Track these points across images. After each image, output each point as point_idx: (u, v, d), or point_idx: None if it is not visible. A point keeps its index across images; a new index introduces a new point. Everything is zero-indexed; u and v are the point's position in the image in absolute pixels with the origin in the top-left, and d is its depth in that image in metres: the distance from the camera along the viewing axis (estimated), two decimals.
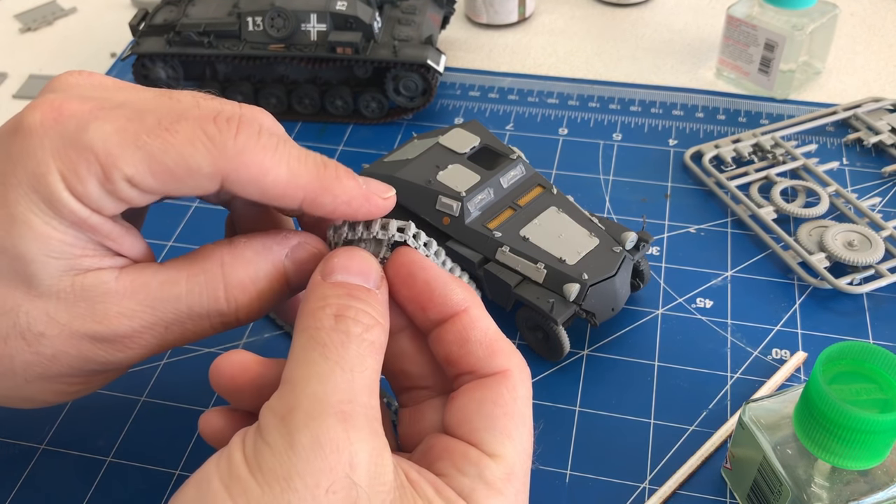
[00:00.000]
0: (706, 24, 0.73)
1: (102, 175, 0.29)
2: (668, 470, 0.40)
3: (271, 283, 0.33)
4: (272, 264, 0.32)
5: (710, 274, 0.50)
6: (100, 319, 0.30)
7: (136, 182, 0.29)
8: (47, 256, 0.29)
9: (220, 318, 0.32)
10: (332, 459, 0.25)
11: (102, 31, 0.76)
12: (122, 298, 0.31)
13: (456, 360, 0.31)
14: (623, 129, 0.61)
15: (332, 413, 0.26)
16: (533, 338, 0.45)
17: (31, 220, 0.29)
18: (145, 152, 0.29)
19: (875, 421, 0.31)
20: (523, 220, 0.46)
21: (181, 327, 0.32)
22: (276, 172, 0.30)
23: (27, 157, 0.29)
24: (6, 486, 0.41)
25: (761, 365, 0.45)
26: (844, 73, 0.67)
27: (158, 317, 0.31)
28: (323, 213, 0.32)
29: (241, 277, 0.32)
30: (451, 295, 0.31)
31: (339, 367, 0.27)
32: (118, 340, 0.31)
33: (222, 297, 0.32)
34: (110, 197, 0.29)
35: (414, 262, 0.32)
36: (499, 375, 0.30)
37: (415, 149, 0.51)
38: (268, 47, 0.59)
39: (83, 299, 0.30)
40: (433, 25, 0.64)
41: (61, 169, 0.29)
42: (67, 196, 0.29)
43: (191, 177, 0.29)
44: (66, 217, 0.29)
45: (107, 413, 0.44)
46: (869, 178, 0.56)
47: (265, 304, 0.33)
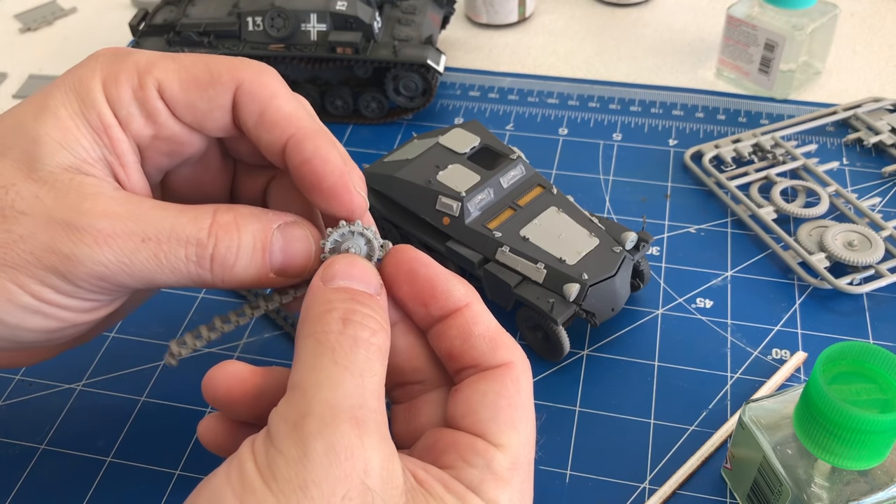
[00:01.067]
0: (706, 24, 0.73)
1: (137, 81, 0.31)
2: (668, 470, 0.40)
3: (255, 242, 0.31)
4: (261, 226, 0.32)
5: (710, 274, 0.50)
6: (84, 211, 0.30)
7: (164, 89, 0.31)
8: (59, 145, 0.30)
9: (197, 252, 0.31)
10: (348, 466, 0.25)
11: (102, 31, 0.76)
12: (113, 202, 0.30)
13: (459, 354, 0.31)
14: (623, 129, 0.61)
15: (346, 419, 0.26)
16: (533, 338, 0.45)
17: (59, 111, 0.31)
18: (179, 64, 0.32)
19: (875, 421, 0.31)
20: (523, 220, 0.46)
21: (156, 247, 0.30)
22: (283, 102, 0.32)
23: (81, 67, 0.32)
24: (6, 486, 0.41)
25: (761, 365, 0.45)
26: (844, 73, 0.67)
27: (140, 227, 0.30)
28: (299, 158, 0.31)
29: (230, 222, 0.31)
30: (453, 291, 0.31)
31: (349, 372, 0.27)
32: (91, 234, 0.30)
33: (206, 228, 0.31)
34: (139, 107, 0.31)
35: (415, 258, 0.32)
36: (503, 368, 0.30)
37: (415, 149, 0.51)
38: (268, 47, 0.59)
39: (76, 192, 0.30)
40: (433, 25, 0.64)
41: (104, 76, 0.31)
42: (101, 98, 0.31)
43: (212, 83, 0.32)
44: (91, 120, 0.31)
45: (107, 413, 0.44)
46: (869, 178, 0.56)
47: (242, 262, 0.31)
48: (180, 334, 0.35)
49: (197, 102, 0.32)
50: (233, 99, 0.32)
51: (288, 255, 0.32)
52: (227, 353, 0.46)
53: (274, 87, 0.32)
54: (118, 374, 0.46)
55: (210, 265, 0.31)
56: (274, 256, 0.32)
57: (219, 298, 0.50)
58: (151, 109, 0.32)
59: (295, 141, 0.32)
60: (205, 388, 0.32)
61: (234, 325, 0.34)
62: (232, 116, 0.33)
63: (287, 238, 0.32)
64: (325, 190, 0.32)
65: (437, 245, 0.47)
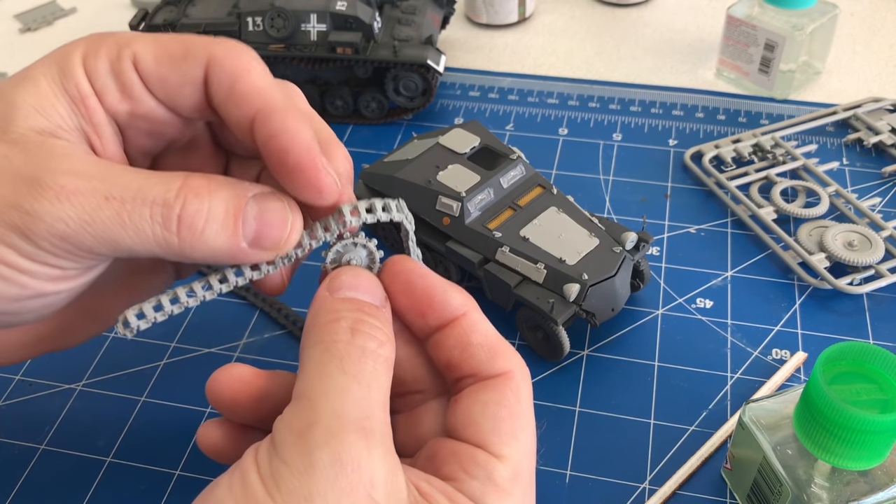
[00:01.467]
0: (706, 24, 0.73)
1: (115, 54, 0.31)
2: (668, 470, 0.40)
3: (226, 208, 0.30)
4: (235, 193, 0.30)
5: (710, 274, 0.50)
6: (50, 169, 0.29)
7: (138, 61, 0.31)
8: (35, 110, 0.30)
9: (163, 213, 0.29)
10: (354, 478, 0.25)
11: (102, 31, 0.76)
12: (81, 162, 0.29)
13: (457, 363, 0.31)
14: (623, 129, 0.61)
15: (353, 430, 0.25)
16: (533, 338, 0.45)
17: (38, 80, 0.31)
18: (155, 40, 0.32)
19: (875, 421, 0.31)
20: (523, 221, 0.46)
21: (119, 207, 0.29)
22: (255, 75, 0.31)
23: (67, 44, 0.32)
24: (6, 486, 0.41)
25: (761, 365, 0.45)
26: (844, 73, 0.67)
27: (104, 186, 0.29)
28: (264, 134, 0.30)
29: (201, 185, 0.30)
30: (450, 300, 0.31)
31: (357, 382, 0.27)
32: (53, 190, 0.28)
33: (175, 189, 0.29)
34: (114, 79, 0.31)
35: (411, 270, 0.31)
36: (502, 377, 0.30)
37: (415, 149, 0.51)
38: (268, 47, 0.59)
39: (46, 152, 0.29)
40: (433, 25, 0.64)
41: (84, 50, 0.31)
42: (80, 69, 0.31)
43: (184, 57, 0.31)
44: (69, 90, 0.31)
45: (107, 413, 0.44)
46: (869, 179, 0.56)
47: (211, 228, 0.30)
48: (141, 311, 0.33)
49: (169, 76, 0.31)
50: (204, 73, 0.31)
51: (262, 223, 0.30)
52: (226, 353, 0.46)
53: (246, 62, 0.31)
54: (118, 374, 0.46)
55: (177, 228, 0.29)
56: (247, 224, 0.30)
57: (219, 299, 0.49)
58: (126, 82, 0.31)
59: (262, 116, 0.30)
60: (209, 391, 0.32)
61: (199, 300, 0.32)
62: (204, 93, 0.31)
63: (262, 207, 0.30)
64: (290, 166, 0.29)
65: (437, 245, 0.47)
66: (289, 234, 0.31)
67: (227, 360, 0.46)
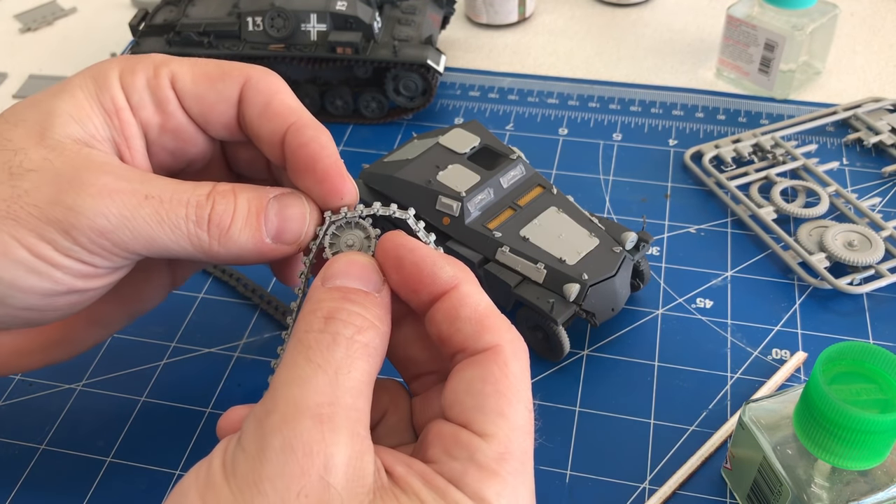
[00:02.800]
0: (706, 24, 0.73)
1: (152, 72, 0.34)
2: (668, 470, 0.40)
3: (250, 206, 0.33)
4: (257, 194, 0.33)
5: (710, 274, 0.50)
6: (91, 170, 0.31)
7: (176, 80, 0.34)
8: (71, 118, 0.32)
9: (196, 212, 0.32)
10: (305, 463, 0.25)
11: (102, 31, 0.76)
12: (118, 167, 0.32)
13: (447, 338, 0.30)
14: (623, 129, 0.61)
15: (309, 416, 0.26)
16: (533, 338, 0.45)
17: (75, 92, 0.33)
18: (193, 62, 0.35)
19: (875, 421, 0.31)
20: (523, 220, 0.46)
21: (158, 205, 0.31)
22: (286, 97, 0.35)
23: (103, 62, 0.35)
24: (6, 486, 0.41)
25: (761, 365, 0.45)
26: (844, 73, 0.67)
27: (143, 187, 0.31)
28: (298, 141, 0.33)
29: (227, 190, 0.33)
30: (439, 273, 0.30)
31: (321, 370, 0.27)
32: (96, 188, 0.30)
33: (205, 193, 0.32)
34: (150, 94, 0.34)
35: (401, 244, 0.31)
36: (489, 352, 0.29)
37: (415, 149, 0.51)
38: (268, 47, 0.59)
39: (84, 158, 0.32)
40: (433, 25, 0.63)
41: (122, 67, 0.34)
42: (116, 83, 0.33)
43: (222, 77, 0.34)
44: (104, 103, 0.33)
45: (107, 413, 0.44)
46: (869, 178, 0.56)
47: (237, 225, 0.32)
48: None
49: (206, 93, 0.34)
50: (239, 93, 0.34)
51: (283, 218, 0.33)
52: (226, 353, 0.46)
53: (279, 85, 0.35)
54: (118, 374, 0.46)
55: (207, 226, 0.32)
56: (269, 221, 0.33)
57: (219, 299, 0.50)
58: (162, 98, 0.34)
59: (295, 128, 0.34)
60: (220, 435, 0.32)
61: None
62: (236, 112, 0.35)
63: (282, 204, 0.33)
64: (319, 172, 0.33)
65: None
66: (308, 228, 0.34)
67: (227, 360, 0.46)
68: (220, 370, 0.46)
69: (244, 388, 0.45)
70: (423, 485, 0.27)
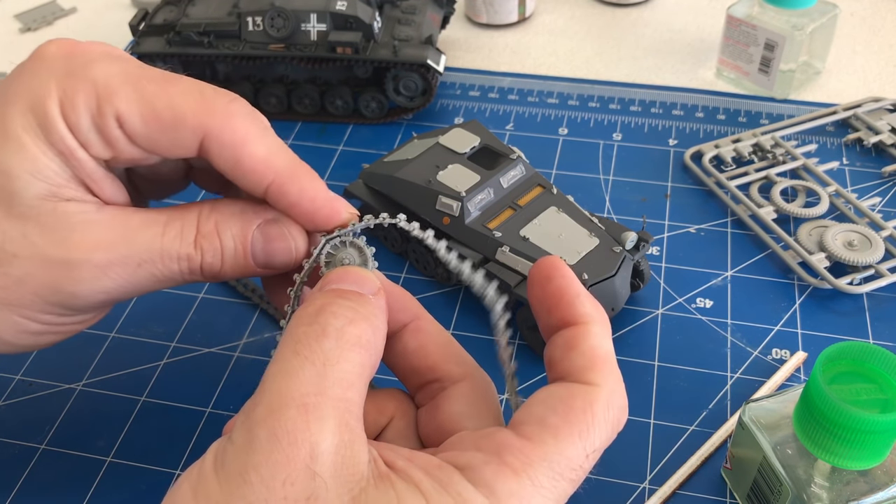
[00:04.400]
0: (706, 24, 0.73)
1: (96, 108, 0.30)
2: (668, 470, 0.40)
3: (236, 246, 0.33)
4: (240, 229, 0.33)
5: (710, 274, 0.50)
6: (76, 246, 0.31)
7: (123, 121, 0.30)
8: (32, 176, 0.30)
9: (188, 265, 0.33)
10: (290, 451, 0.25)
11: (102, 31, 0.76)
12: (102, 229, 0.31)
13: (556, 363, 0.29)
14: (623, 129, 0.61)
15: (294, 406, 0.25)
16: (533, 338, 0.45)
17: (22, 138, 0.30)
18: (140, 94, 0.31)
19: (875, 421, 0.31)
20: (523, 220, 0.46)
21: (151, 267, 0.32)
22: (255, 147, 0.31)
23: (34, 78, 0.31)
24: (6, 486, 0.41)
25: (761, 365, 0.45)
26: (844, 73, 0.67)
27: (133, 252, 0.32)
28: (285, 203, 0.32)
29: (211, 231, 0.33)
30: (578, 305, 0.30)
31: (308, 362, 0.27)
32: (90, 269, 0.31)
33: (192, 242, 0.32)
34: (98, 134, 0.31)
35: (556, 266, 0.31)
36: (584, 385, 0.28)
37: (415, 149, 0.51)
38: (268, 47, 0.59)
39: (62, 225, 0.31)
40: (433, 25, 0.64)
41: (61, 95, 0.30)
42: (60, 122, 0.30)
43: (175, 127, 0.31)
44: (56, 144, 0.30)
45: (107, 413, 0.44)
46: (869, 178, 0.56)
47: (229, 263, 0.33)
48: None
49: (159, 139, 0.31)
50: (199, 144, 0.31)
51: (269, 253, 0.33)
52: (226, 353, 0.46)
53: (243, 132, 0.31)
54: (118, 374, 0.46)
55: (200, 272, 0.33)
56: (256, 256, 0.33)
57: (219, 298, 0.50)
58: (110, 138, 0.31)
59: (276, 186, 0.32)
60: None
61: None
62: (199, 152, 0.32)
63: (266, 237, 0.33)
64: (319, 221, 0.33)
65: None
66: (296, 251, 0.34)
67: (228, 360, 0.46)
68: (220, 370, 0.46)
69: (244, 388, 0.45)
70: (425, 475, 0.26)
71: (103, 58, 0.31)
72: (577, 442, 0.27)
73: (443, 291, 0.50)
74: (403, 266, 0.51)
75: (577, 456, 0.27)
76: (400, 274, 0.51)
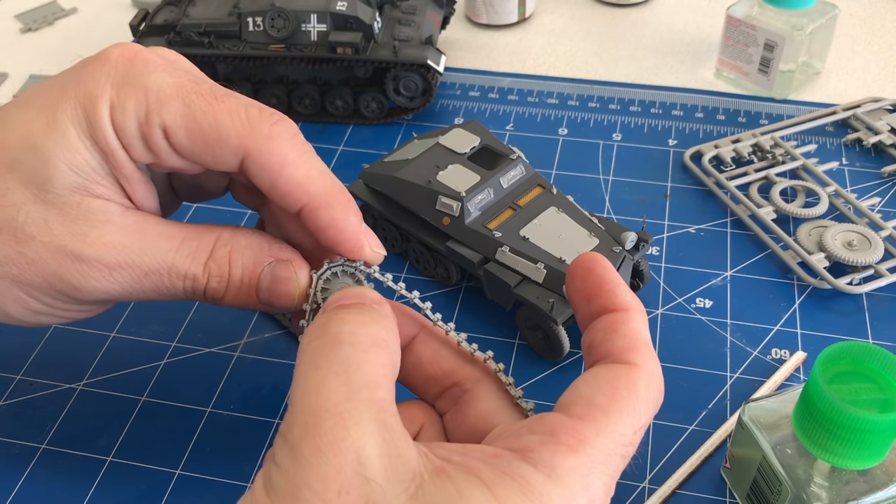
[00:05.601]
0: (706, 24, 0.73)
1: (144, 116, 0.31)
2: (667, 469, 0.40)
3: (243, 278, 0.34)
4: (252, 263, 0.34)
5: (709, 274, 0.50)
6: (91, 242, 0.32)
7: (169, 133, 0.32)
8: (68, 167, 0.31)
9: (192, 285, 0.34)
10: (338, 462, 0.25)
11: (103, 31, 0.76)
12: (120, 232, 0.32)
13: (597, 345, 0.30)
14: (623, 129, 0.61)
15: (329, 417, 0.26)
16: (533, 337, 0.46)
17: (68, 130, 0.31)
18: (188, 109, 0.31)
19: (874, 421, 0.31)
20: (523, 220, 0.46)
21: (157, 279, 0.33)
22: (293, 170, 0.32)
23: (92, 78, 0.32)
24: (6, 486, 0.41)
25: (761, 365, 0.45)
26: (844, 73, 0.67)
27: (143, 261, 0.33)
28: (313, 226, 0.33)
29: (224, 255, 0.34)
30: (618, 293, 0.31)
31: (331, 373, 0.27)
32: (98, 268, 0.32)
33: (202, 264, 0.33)
34: (142, 140, 0.32)
35: (597, 259, 0.31)
36: (626, 365, 0.29)
37: (415, 149, 0.51)
38: (268, 47, 0.59)
39: (84, 219, 0.32)
40: (433, 26, 0.64)
41: (113, 97, 0.31)
42: (107, 122, 0.31)
43: (218, 144, 0.32)
44: (99, 141, 0.31)
45: (107, 413, 0.44)
46: (868, 178, 0.56)
47: (232, 293, 0.34)
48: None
49: (202, 155, 0.32)
50: (240, 162, 0.32)
51: (273, 293, 0.34)
52: (226, 353, 0.46)
53: (283, 155, 0.32)
54: (118, 374, 0.46)
55: (203, 295, 0.34)
56: (261, 292, 0.34)
57: None
58: (154, 147, 0.32)
59: (309, 210, 0.33)
60: None
61: None
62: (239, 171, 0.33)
63: (275, 278, 0.34)
64: (342, 251, 0.33)
65: (437, 245, 0.47)
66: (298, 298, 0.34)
67: (228, 359, 0.46)
68: (220, 370, 0.46)
69: (244, 388, 0.45)
70: (483, 464, 0.26)
71: (161, 68, 0.32)
72: (626, 418, 0.28)
73: (443, 291, 0.50)
74: (404, 266, 0.51)
75: (626, 432, 0.28)
76: (400, 274, 0.51)
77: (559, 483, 0.26)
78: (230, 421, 0.43)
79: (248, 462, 0.41)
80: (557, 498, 0.26)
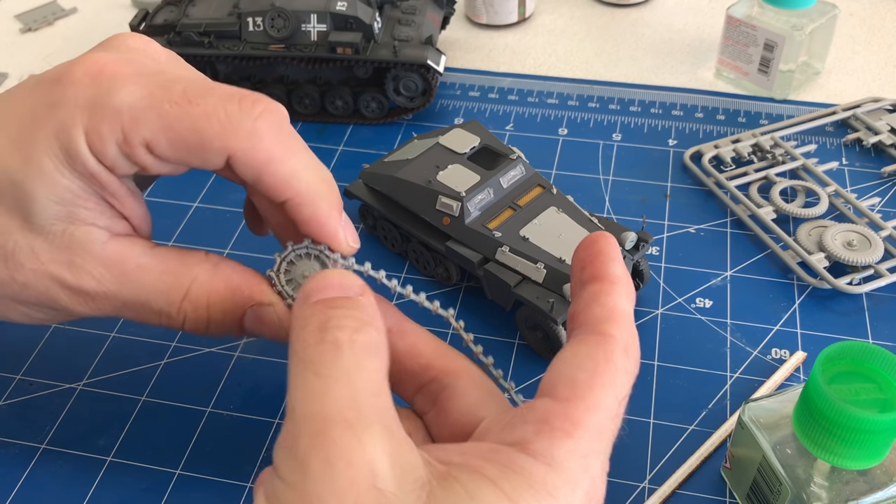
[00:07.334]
0: (706, 24, 0.73)
1: (123, 139, 0.31)
2: (667, 469, 0.40)
3: (224, 317, 0.35)
4: (235, 304, 0.34)
5: (709, 274, 0.50)
6: (74, 272, 0.33)
7: (152, 147, 0.31)
8: (50, 200, 0.32)
9: (167, 321, 0.35)
10: (350, 473, 0.24)
11: (103, 31, 0.76)
12: (100, 264, 0.33)
13: (577, 314, 0.30)
14: (623, 129, 0.61)
15: (336, 425, 0.25)
16: (533, 337, 0.46)
17: (44, 165, 0.31)
18: (165, 121, 0.31)
19: (874, 421, 0.31)
20: (523, 220, 0.46)
21: (134, 310, 0.34)
22: (278, 166, 0.32)
23: (60, 105, 0.31)
24: (6, 486, 0.41)
25: (761, 365, 0.45)
26: (844, 73, 0.67)
27: (121, 292, 0.34)
28: (296, 219, 0.33)
29: (202, 298, 0.34)
30: (610, 266, 0.31)
31: (332, 380, 0.26)
32: (81, 295, 0.33)
33: (177, 304, 0.34)
34: (126, 159, 0.32)
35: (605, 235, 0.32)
36: (602, 336, 0.29)
37: (415, 149, 0.51)
38: (268, 47, 0.59)
39: (67, 249, 0.33)
40: (433, 26, 0.64)
41: (87, 125, 0.31)
42: (86, 151, 0.31)
43: (201, 149, 0.31)
44: (79, 170, 0.31)
45: (107, 413, 0.44)
46: (868, 178, 0.56)
47: (212, 329, 0.35)
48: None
49: (188, 159, 0.32)
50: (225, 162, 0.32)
51: (258, 332, 0.35)
52: (226, 353, 0.46)
53: (267, 151, 0.32)
54: (118, 373, 0.46)
55: (180, 329, 0.35)
56: (245, 329, 0.35)
57: None
58: (140, 161, 0.32)
59: (292, 205, 0.33)
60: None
61: None
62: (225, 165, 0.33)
63: (259, 319, 0.35)
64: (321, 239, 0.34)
65: (437, 245, 0.47)
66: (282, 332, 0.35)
67: (228, 359, 0.46)
68: (220, 370, 0.46)
69: (244, 388, 0.45)
70: (485, 462, 0.26)
71: (129, 79, 0.31)
72: (609, 390, 0.28)
73: (443, 291, 0.50)
74: (403, 266, 0.51)
75: (612, 404, 0.28)
76: (400, 274, 0.51)
77: (561, 471, 0.26)
78: (230, 421, 0.43)
79: (248, 462, 0.41)
80: (561, 485, 0.26)
